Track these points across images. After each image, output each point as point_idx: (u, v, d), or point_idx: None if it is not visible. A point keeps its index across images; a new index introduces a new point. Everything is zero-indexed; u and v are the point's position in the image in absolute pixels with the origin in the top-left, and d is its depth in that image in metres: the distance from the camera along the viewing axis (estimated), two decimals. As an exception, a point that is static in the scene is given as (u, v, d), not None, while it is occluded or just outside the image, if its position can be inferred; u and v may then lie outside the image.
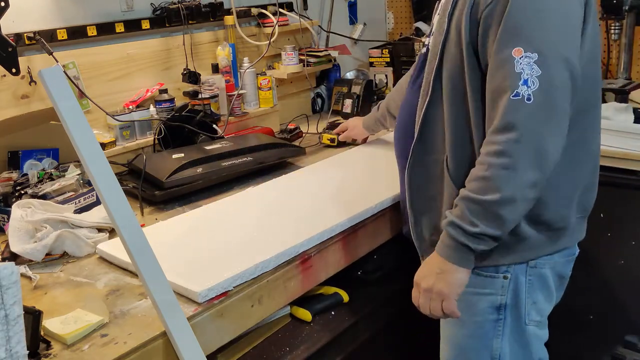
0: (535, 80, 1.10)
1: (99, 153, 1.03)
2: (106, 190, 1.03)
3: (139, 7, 2.14)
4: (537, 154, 1.12)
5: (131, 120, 2.05)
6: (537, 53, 1.11)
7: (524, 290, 1.31)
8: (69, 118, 1.01)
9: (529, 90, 1.10)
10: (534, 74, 1.11)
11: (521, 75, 1.11)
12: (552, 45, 1.12)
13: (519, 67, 1.11)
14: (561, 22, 1.14)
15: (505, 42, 1.13)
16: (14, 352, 0.91)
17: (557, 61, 1.12)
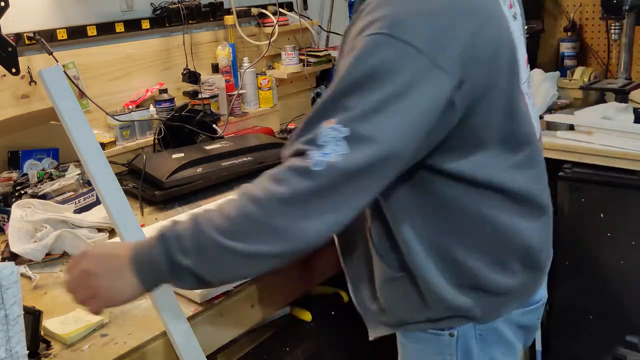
0: (337, 157, 0.89)
1: (99, 153, 1.03)
2: (106, 190, 1.03)
3: (139, 7, 2.14)
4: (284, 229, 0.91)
5: (131, 120, 2.05)
6: (349, 129, 0.89)
7: (475, 348, 1.13)
8: (69, 118, 1.01)
9: (322, 158, 0.89)
10: (337, 150, 0.89)
11: (322, 148, 0.90)
12: (371, 129, 0.90)
13: (322, 138, 0.90)
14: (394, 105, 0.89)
15: (319, 108, 0.95)
16: (14, 352, 0.91)
17: (370, 147, 0.89)
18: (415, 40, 0.89)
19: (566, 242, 2.03)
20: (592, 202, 1.98)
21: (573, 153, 1.99)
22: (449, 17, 0.93)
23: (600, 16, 2.42)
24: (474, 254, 1.06)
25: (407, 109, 0.90)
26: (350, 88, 0.91)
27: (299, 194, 0.90)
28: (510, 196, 1.06)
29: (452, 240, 1.06)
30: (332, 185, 0.90)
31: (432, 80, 0.90)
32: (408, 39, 0.89)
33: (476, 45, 0.93)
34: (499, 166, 1.04)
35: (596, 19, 2.54)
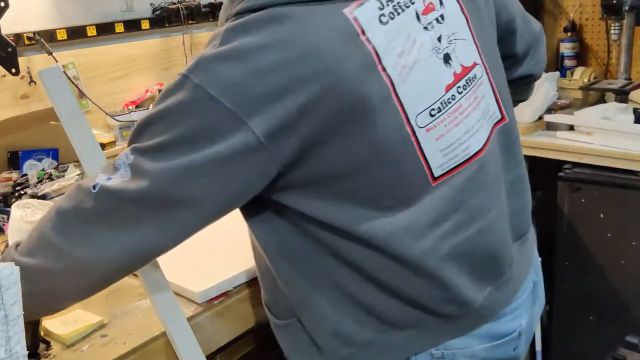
0: (119, 183, 0.86)
1: (98, 153, 1.03)
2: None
3: (139, 7, 2.14)
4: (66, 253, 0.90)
5: (131, 121, 2.04)
6: (134, 157, 0.86)
7: None
8: (68, 118, 1.01)
9: (104, 180, 0.87)
10: (123, 176, 0.86)
11: (117, 170, 0.87)
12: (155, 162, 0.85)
13: (118, 161, 0.88)
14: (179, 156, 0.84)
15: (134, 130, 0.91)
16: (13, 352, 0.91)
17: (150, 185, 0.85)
18: (211, 86, 0.82)
19: (566, 242, 2.03)
20: (592, 202, 1.98)
21: (573, 153, 1.99)
22: (256, 60, 0.82)
23: (600, 16, 2.42)
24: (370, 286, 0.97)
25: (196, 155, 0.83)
26: (151, 119, 0.87)
27: (80, 214, 0.88)
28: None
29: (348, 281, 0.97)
30: (108, 208, 0.87)
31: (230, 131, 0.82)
32: (203, 83, 0.82)
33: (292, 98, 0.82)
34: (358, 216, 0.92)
35: (596, 19, 2.54)
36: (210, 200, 0.88)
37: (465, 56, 0.97)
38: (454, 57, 0.95)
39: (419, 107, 0.91)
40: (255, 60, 0.82)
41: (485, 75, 1.02)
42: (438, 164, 0.94)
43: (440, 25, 0.94)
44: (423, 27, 0.92)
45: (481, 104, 1.00)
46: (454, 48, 0.95)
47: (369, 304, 0.98)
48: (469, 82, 0.98)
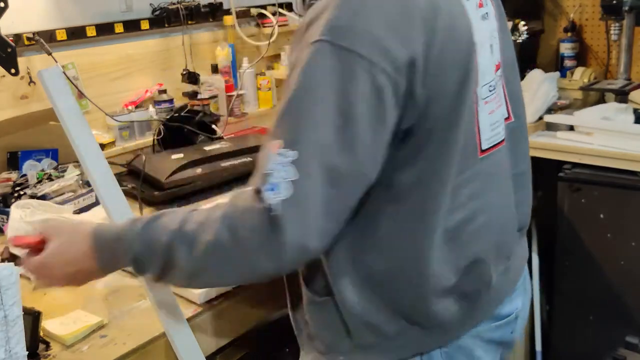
0: (289, 186, 0.84)
1: (98, 153, 1.03)
2: (106, 191, 1.03)
3: (138, 7, 2.14)
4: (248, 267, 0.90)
5: (130, 121, 2.04)
6: (297, 153, 0.84)
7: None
8: (68, 118, 1.01)
9: (276, 197, 0.84)
10: (287, 177, 0.84)
11: (270, 176, 0.85)
12: (324, 152, 0.84)
13: (270, 165, 0.85)
14: (338, 119, 0.85)
15: (270, 133, 0.89)
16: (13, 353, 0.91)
17: (324, 171, 0.84)
18: (356, 46, 0.84)
19: (566, 242, 2.03)
20: (592, 202, 1.98)
21: (573, 154, 1.99)
22: (396, 16, 0.86)
23: (600, 17, 2.42)
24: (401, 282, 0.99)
25: (354, 120, 0.85)
26: (291, 106, 0.86)
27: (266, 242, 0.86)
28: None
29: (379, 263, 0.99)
30: (300, 225, 0.85)
31: (376, 86, 0.85)
32: (349, 45, 0.84)
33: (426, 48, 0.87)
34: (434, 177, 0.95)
35: (596, 20, 2.54)
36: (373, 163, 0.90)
37: (499, 53, 1.06)
38: (495, 49, 1.04)
39: (484, 79, 1.00)
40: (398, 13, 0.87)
41: (502, 74, 1.09)
42: (487, 137, 1.01)
43: (487, 21, 1.03)
44: (480, 17, 1.00)
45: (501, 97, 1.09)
46: (496, 42, 1.05)
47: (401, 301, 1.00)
48: (500, 75, 1.07)
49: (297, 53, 0.89)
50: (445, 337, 1.04)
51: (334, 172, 0.85)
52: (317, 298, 1.06)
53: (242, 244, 0.87)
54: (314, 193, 0.85)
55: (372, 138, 0.87)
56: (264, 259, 0.87)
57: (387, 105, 0.86)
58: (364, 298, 1.00)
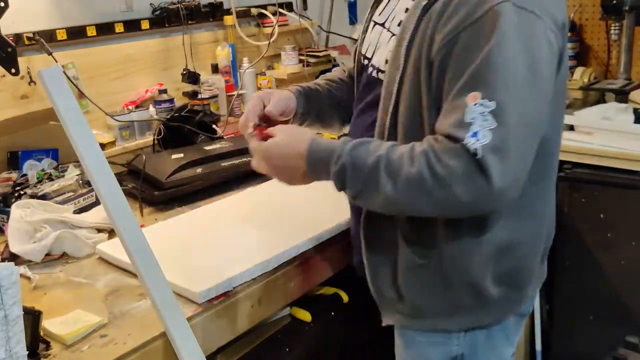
0: (488, 133, 0.94)
1: (98, 153, 1.03)
2: (106, 191, 1.03)
3: (139, 7, 2.14)
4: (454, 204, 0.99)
5: (130, 121, 2.04)
6: (495, 102, 0.94)
7: (480, 339, 1.19)
8: (68, 118, 1.01)
9: (477, 143, 0.94)
10: (486, 125, 0.94)
11: (471, 125, 0.95)
12: (518, 100, 0.96)
13: (470, 115, 0.95)
14: (533, 78, 0.98)
15: (463, 86, 0.98)
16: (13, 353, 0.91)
17: (520, 118, 0.96)
18: (533, 8, 0.98)
19: (566, 242, 2.03)
20: (592, 202, 1.98)
21: (573, 153, 1.99)
22: None
23: (600, 17, 2.42)
24: (514, 244, 1.12)
25: (539, 72, 0.99)
26: (487, 61, 0.96)
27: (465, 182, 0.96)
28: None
29: (504, 224, 1.10)
30: (501, 169, 0.95)
31: (549, 42, 1.00)
32: (527, 6, 0.98)
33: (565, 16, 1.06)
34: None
35: (596, 19, 2.54)
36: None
37: None
38: None
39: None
40: None
41: None
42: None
43: None
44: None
45: None
46: None
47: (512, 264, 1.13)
48: None
49: (467, 12, 0.99)
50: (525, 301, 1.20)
51: (528, 122, 0.97)
52: (418, 260, 1.13)
53: (445, 180, 0.97)
54: (513, 141, 0.95)
55: (548, 90, 1.02)
56: (464, 197, 0.97)
57: (554, 60, 1.02)
58: (479, 261, 1.10)
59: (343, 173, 1.05)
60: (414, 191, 1.00)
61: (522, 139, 0.97)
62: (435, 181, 0.97)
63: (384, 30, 1.21)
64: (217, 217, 1.59)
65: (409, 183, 1.00)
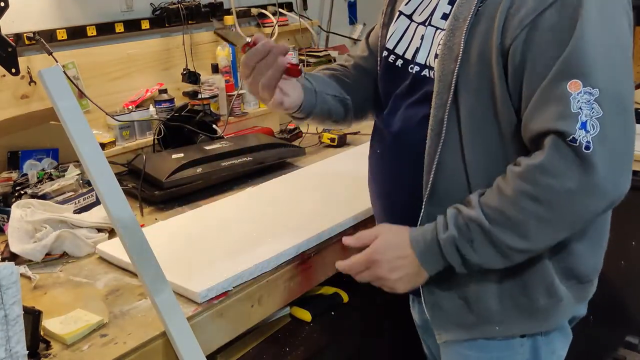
0: (596, 123, 0.90)
1: (98, 153, 1.03)
2: (106, 191, 1.03)
3: (139, 7, 2.14)
4: (578, 213, 0.96)
5: (131, 121, 2.04)
6: (598, 89, 0.90)
7: (542, 345, 1.15)
8: (68, 118, 1.01)
9: (588, 135, 0.90)
10: (594, 115, 0.90)
11: (579, 116, 0.90)
12: (616, 83, 0.92)
13: (576, 105, 0.90)
14: (623, 56, 0.95)
15: (558, 73, 0.92)
16: (13, 352, 0.91)
17: (620, 102, 0.92)
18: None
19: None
20: (592, 202, 1.97)
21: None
22: None
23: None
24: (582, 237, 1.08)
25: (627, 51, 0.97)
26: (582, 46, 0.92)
27: (584, 183, 0.92)
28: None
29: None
30: (609, 159, 0.91)
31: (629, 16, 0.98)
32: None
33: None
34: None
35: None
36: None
37: None
38: None
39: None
40: None
41: None
42: None
43: None
44: None
45: None
46: None
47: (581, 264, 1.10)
48: None
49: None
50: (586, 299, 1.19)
51: (628, 107, 0.94)
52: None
53: (555, 193, 0.94)
54: (619, 129, 0.92)
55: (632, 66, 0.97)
56: (582, 201, 0.93)
57: (632, 33, 0.99)
58: (556, 260, 1.07)
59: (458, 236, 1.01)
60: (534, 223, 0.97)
61: (627, 128, 0.94)
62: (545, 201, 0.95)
63: (420, 25, 1.14)
64: (217, 217, 1.59)
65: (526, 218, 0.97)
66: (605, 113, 0.90)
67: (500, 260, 1.01)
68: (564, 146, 0.92)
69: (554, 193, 0.94)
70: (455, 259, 1.02)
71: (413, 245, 1.06)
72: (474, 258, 1.01)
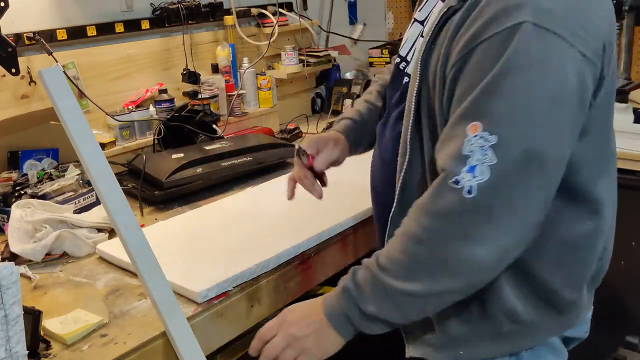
0: (487, 170, 0.85)
1: (98, 153, 1.03)
2: (106, 190, 1.03)
3: (139, 7, 2.14)
4: (456, 259, 0.89)
5: (131, 121, 2.05)
6: (496, 136, 0.84)
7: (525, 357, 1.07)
8: (68, 118, 1.01)
9: (473, 180, 0.85)
10: (486, 161, 0.84)
11: (468, 159, 0.86)
12: (528, 137, 0.85)
13: (468, 147, 0.86)
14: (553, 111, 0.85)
15: (464, 111, 0.88)
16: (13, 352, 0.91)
17: (528, 158, 0.85)
18: (563, 29, 0.84)
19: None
20: (592, 202, 1.97)
21: (573, 153, 1.99)
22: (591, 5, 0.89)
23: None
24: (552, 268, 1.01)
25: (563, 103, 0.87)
26: (494, 88, 0.86)
27: (460, 228, 0.88)
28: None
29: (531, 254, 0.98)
30: (488, 207, 0.86)
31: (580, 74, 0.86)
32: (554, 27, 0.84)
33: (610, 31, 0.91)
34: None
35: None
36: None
37: None
38: None
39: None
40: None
41: None
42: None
43: None
44: None
45: None
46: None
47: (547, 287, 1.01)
48: None
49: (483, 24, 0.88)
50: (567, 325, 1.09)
51: (538, 158, 0.85)
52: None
53: (432, 233, 0.90)
54: (514, 180, 0.85)
55: (571, 124, 0.88)
56: (457, 247, 0.88)
57: (585, 92, 0.88)
58: (516, 286, 1.00)
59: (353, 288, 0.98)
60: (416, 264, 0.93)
61: (527, 181, 0.86)
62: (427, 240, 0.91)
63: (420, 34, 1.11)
64: (217, 217, 1.59)
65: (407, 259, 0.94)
66: (500, 162, 0.84)
67: (392, 307, 0.95)
68: (445, 186, 0.88)
69: (431, 233, 0.91)
70: (352, 310, 0.98)
71: (325, 300, 1.03)
72: (369, 308, 0.96)
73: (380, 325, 0.98)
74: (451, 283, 0.92)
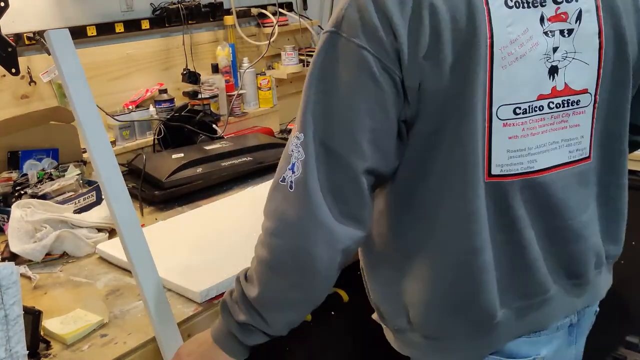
0: (300, 165, 0.90)
1: (96, 117, 1.03)
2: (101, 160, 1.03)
3: (139, 7, 2.14)
4: (295, 253, 0.92)
5: (131, 121, 2.05)
6: (304, 134, 0.91)
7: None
8: (70, 81, 1.00)
9: (293, 176, 0.91)
10: (299, 157, 0.90)
11: (291, 157, 0.91)
12: (322, 131, 0.89)
13: (290, 147, 0.92)
14: (336, 106, 0.89)
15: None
16: (13, 352, 0.91)
17: (325, 151, 0.89)
18: (355, 36, 0.86)
19: (566, 242, 2.03)
20: (592, 202, 1.97)
21: (573, 153, 1.98)
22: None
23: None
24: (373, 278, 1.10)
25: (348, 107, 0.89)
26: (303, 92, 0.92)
27: (286, 225, 0.93)
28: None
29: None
30: (304, 200, 0.90)
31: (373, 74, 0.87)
32: (349, 35, 0.87)
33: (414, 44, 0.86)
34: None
35: (596, 19, 2.54)
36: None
37: (576, 79, 0.95)
38: (561, 73, 0.93)
39: (506, 98, 0.90)
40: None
41: (592, 108, 0.98)
42: (499, 163, 0.93)
43: (564, 38, 0.93)
44: (543, 32, 0.91)
45: (566, 131, 0.97)
46: (566, 65, 0.93)
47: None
48: (566, 103, 0.95)
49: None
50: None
51: (336, 159, 0.89)
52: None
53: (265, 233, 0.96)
54: (318, 173, 0.89)
55: (372, 125, 0.88)
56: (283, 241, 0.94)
57: (382, 96, 0.87)
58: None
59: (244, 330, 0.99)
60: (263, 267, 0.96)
61: (325, 172, 0.89)
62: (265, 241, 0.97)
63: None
64: (217, 217, 1.59)
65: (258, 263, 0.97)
66: (308, 157, 0.89)
67: (257, 314, 0.96)
68: (276, 185, 0.94)
69: (265, 234, 0.96)
70: (230, 323, 0.99)
71: (212, 326, 1.03)
72: (240, 317, 0.97)
73: (258, 334, 0.99)
74: (291, 280, 0.94)
